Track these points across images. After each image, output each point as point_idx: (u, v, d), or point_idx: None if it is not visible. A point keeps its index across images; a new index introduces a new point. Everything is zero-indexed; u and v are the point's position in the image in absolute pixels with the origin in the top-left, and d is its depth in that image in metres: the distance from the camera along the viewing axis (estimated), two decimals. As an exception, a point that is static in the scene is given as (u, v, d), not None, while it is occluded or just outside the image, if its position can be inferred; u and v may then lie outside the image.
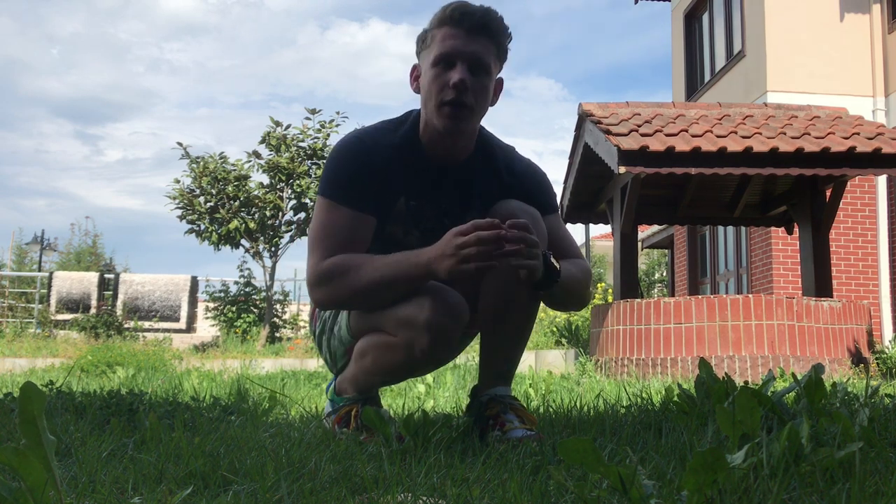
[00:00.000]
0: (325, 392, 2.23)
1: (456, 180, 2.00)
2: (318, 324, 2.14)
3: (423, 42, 1.95)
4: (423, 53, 1.96)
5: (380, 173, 1.93)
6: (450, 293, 1.86)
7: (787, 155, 6.61)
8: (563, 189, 8.87)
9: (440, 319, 1.81)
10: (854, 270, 10.39)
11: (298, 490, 1.25)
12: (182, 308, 14.81)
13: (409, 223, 2.00)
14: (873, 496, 1.12)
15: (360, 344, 1.98)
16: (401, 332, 1.85)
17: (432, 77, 1.89)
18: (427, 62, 1.92)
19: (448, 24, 1.89)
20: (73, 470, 1.40)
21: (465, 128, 1.93)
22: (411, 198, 1.98)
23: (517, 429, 1.87)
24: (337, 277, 1.85)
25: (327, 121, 12.45)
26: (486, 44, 1.90)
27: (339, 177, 1.93)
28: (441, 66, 1.88)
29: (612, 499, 1.09)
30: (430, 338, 1.82)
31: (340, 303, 1.93)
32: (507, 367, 2.03)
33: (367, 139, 1.97)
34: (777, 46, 10.65)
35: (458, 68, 1.87)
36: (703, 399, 1.93)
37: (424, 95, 1.93)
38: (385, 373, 1.99)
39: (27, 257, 24.52)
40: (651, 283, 22.24)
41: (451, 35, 1.88)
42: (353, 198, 1.91)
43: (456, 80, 1.85)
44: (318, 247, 1.90)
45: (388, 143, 1.97)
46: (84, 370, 6.87)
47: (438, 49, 1.88)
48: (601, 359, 7.23)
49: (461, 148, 1.99)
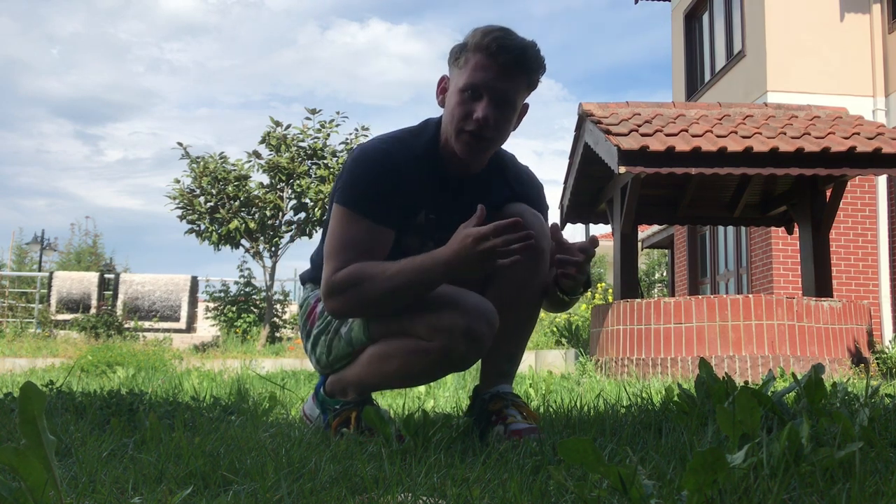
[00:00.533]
0: (316, 395, 2.17)
1: (473, 192, 2.01)
2: (317, 322, 2.10)
3: (456, 58, 1.93)
4: (454, 70, 1.94)
5: (403, 186, 1.92)
6: (482, 300, 1.87)
7: (787, 155, 6.61)
8: (563, 189, 8.87)
9: (480, 327, 1.82)
10: (854, 270, 10.39)
11: (298, 490, 1.25)
12: (182, 308, 14.81)
13: (427, 235, 2.00)
14: (873, 496, 1.12)
15: (382, 347, 1.93)
16: (437, 338, 1.83)
17: (457, 102, 1.89)
18: (456, 83, 1.91)
19: (484, 52, 1.86)
20: (73, 470, 1.40)
21: (481, 157, 1.96)
22: (431, 210, 1.99)
23: (520, 422, 1.88)
24: (351, 288, 1.85)
25: (327, 121, 12.46)
26: (518, 79, 1.89)
27: (362, 187, 1.91)
28: (468, 95, 1.87)
29: (612, 499, 1.09)
30: (467, 345, 1.83)
31: (357, 311, 1.92)
32: (510, 366, 2.04)
33: (391, 149, 1.95)
34: (777, 46, 10.65)
35: (483, 102, 1.87)
36: (703, 399, 1.93)
37: (447, 115, 1.94)
38: (409, 378, 1.98)
39: (27, 257, 24.53)
40: (651, 283, 22.24)
41: (483, 66, 1.86)
42: (375, 210, 1.90)
43: (480, 115, 1.86)
44: (335, 258, 1.89)
45: (410, 155, 1.95)
46: (84, 370, 6.87)
47: (468, 78, 1.87)
48: (601, 359, 7.23)
49: (477, 164, 2.01)
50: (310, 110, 12.40)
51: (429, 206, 1.98)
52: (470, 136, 1.88)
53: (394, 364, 1.92)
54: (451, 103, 1.92)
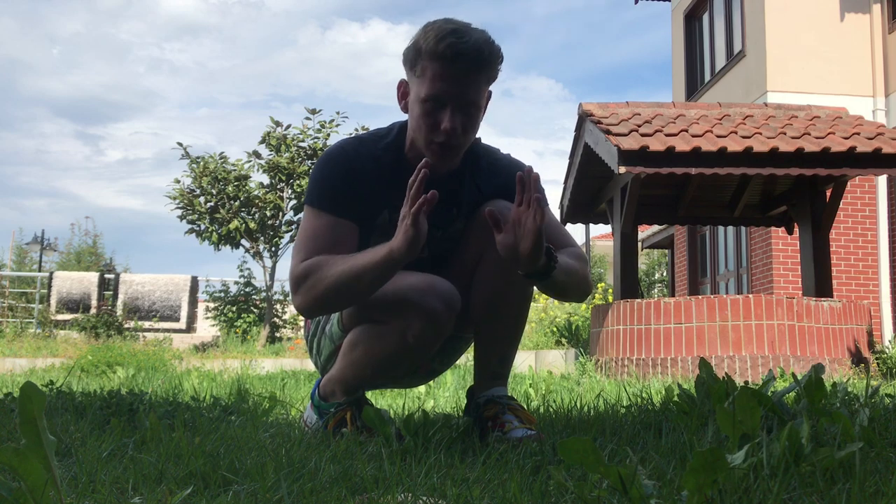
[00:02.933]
0: (311, 399, 2.15)
1: (444, 191, 1.97)
2: (311, 327, 2.13)
3: (412, 65, 1.89)
4: (412, 77, 1.90)
5: (362, 182, 1.94)
6: (440, 281, 1.88)
7: (787, 155, 6.61)
8: (563, 189, 8.87)
9: (432, 304, 1.83)
10: (854, 270, 10.39)
11: (298, 490, 1.25)
12: (182, 308, 14.80)
13: (392, 235, 1.99)
14: (873, 496, 1.12)
15: (351, 336, 1.97)
16: (393, 319, 1.86)
17: (422, 113, 1.86)
18: (416, 93, 1.87)
19: (440, 61, 1.81)
20: (73, 470, 1.40)
21: (454, 163, 1.96)
22: (395, 210, 1.97)
23: (517, 428, 1.87)
24: (310, 276, 1.85)
25: (327, 121, 12.46)
26: (478, 79, 1.86)
27: (322, 184, 1.95)
28: (430, 105, 1.84)
29: (612, 499, 1.09)
30: (421, 322, 1.83)
31: (317, 303, 1.88)
32: (503, 367, 2.04)
33: (349, 149, 1.98)
34: (777, 46, 10.65)
35: (448, 112, 1.83)
36: (703, 399, 1.93)
37: (413, 124, 1.92)
38: (375, 365, 1.95)
39: (27, 257, 24.54)
40: (651, 283, 22.24)
41: (441, 76, 1.82)
42: (335, 204, 1.92)
43: (447, 126, 1.83)
44: (298, 253, 1.91)
45: (370, 154, 1.97)
46: (84, 370, 6.86)
47: (429, 89, 1.83)
48: (601, 359, 7.23)
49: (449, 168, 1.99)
50: (310, 110, 12.40)
51: (391, 206, 1.95)
52: (440, 146, 1.88)
53: (359, 350, 1.94)
54: (414, 113, 1.90)
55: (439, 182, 1.98)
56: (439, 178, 1.98)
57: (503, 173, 2.04)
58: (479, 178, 2.04)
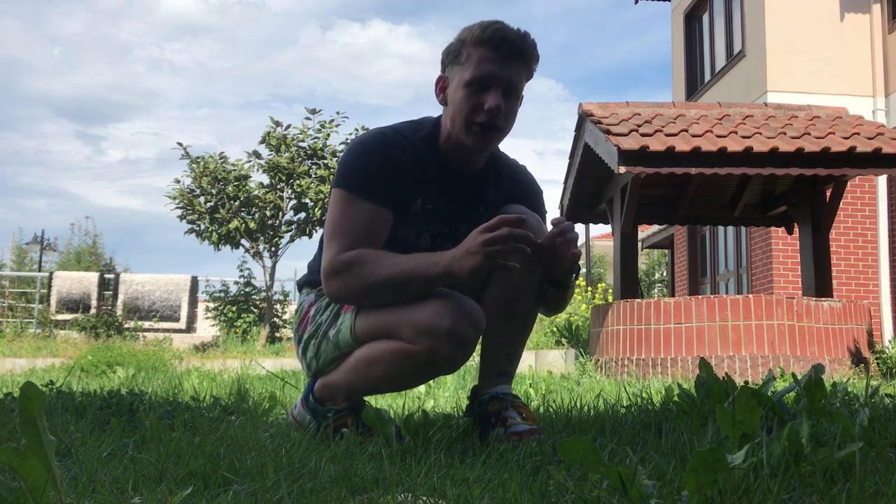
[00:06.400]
0: (305, 401, 2.11)
1: (470, 188, 2.04)
2: (308, 327, 2.08)
3: (454, 56, 1.95)
4: (454, 68, 1.96)
5: (401, 170, 1.95)
6: (468, 301, 1.87)
7: (787, 155, 6.61)
8: (563, 189, 8.87)
9: (464, 329, 1.82)
10: (854, 270, 10.39)
11: (298, 490, 1.25)
12: (182, 308, 14.80)
13: (424, 225, 2.01)
14: (873, 496, 1.12)
15: (367, 352, 1.92)
16: (420, 340, 1.82)
17: (465, 96, 1.91)
18: (459, 79, 1.93)
19: (486, 45, 1.90)
20: (73, 470, 1.40)
21: (492, 147, 2.00)
22: (428, 200, 2.00)
23: (520, 424, 1.88)
24: (354, 269, 1.86)
25: (327, 121, 12.45)
26: (520, 69, 1.94)
27: (361, 170, 1.94)
28: (475, 88, 1.90)
29: (612, 499, 1.09)
30: (452, 348, 1.82)
31: (354, 296, 1.91)
32: (509, 366, 2.05)
33: (390, 136, 1.99)
34: (777, 46, 10.65)
35: (492, 93, 1.90)
36: (703, 399, 1.93)
37: (453, 110, 1.95)
38: (396, 382, 1.97)
39: (27, 257, 24.53)
40: (651, 283, 22.24)
41: (488, 58, 1.90)
42: (374, 192, 1.92)
43: (492, 105, 1.89)
44: (337, 239, 1.90)
45: (409, 144, 1.99)
46: (84, 370, 6.86)
47: (475, 71, 1.90)
48: (601, 359, 7.23)
49: (478, 160, 2.04)
50: (310, 110, 12.39)
51: (425, 194, 1.99)
52: (481, 127, 1.91)
53: (379, 368, 1.90)
54: (456, 98, 1.93)
55: (467, 179, 2.03)
56: (468, 176, 2.04)
57: (523, 181, 2.15)
58: (501, 181, 2.10)
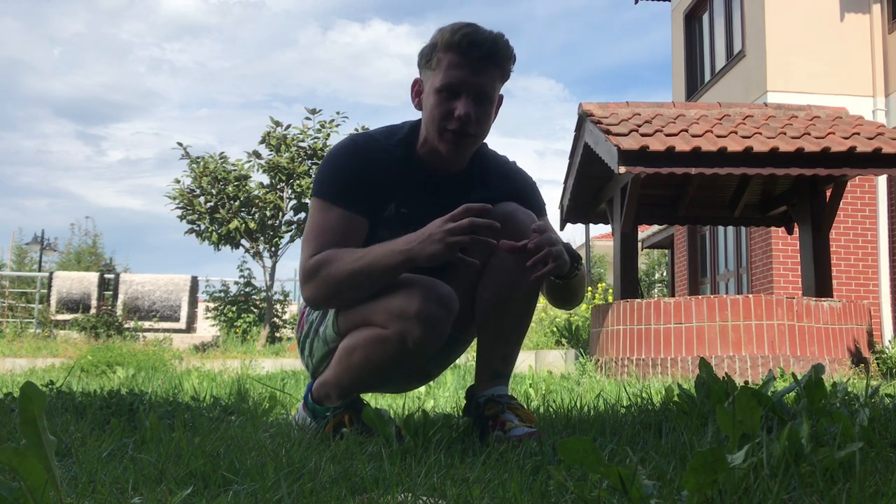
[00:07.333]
0: (304, 402, 2.13)
1: (451, 191, 2.02)
2: (304, 327, 2.11)
3: (427, 60, 1.95)
4: (427, 72, 1.96)
5: (372, 176, 1.95)
6: (439, 284, 1.87)
7: (787, 155, 6.61)
8: (563, 189, 8.87)
9: (432, 309, 1.82)
10: (854, 270, 10.39)
11: (298, 490, 1.25)
12: (182, 308, 14.80)
13: (401, 230, 1.99)
14: (873, 496, 1.12)
15: (348, 340, 1.94)
16: (392, 323, 1.84)
17: (436, 103, 1.91)
18: (431, 84, 1.93)
19: (455, 51, 1.88)
20: (73, 470, 1.40)
21: (466, 154, 1.99)
22: (402, 204, 1.99)
23: (518, 427, 1.87)
24: (323, 270, 1.87)
25: (327, 121, 12.45)
26: (492, 73, 1.92)
27: (332, 177, 1.97)
28: (445, 94, 1.90)
29: (612, 499, 1.09)
30: (421, 329, 1.82)
31: (327, 296, 1.92)
32: (505, 366, 2.04)
33: (360, 142, 2.01)
34: (777, 46, 10.65)
35: (462, 100, 1.89)
36: (703, 399, 1.93)
37: (427, 117, 1.95)
38: (374, 370, 1.94)
39: (27, 257, 24.53)
40: (651, 283, 22.25)
41: (457, 64, 1.88)
42: (345, 198, 1.94)
43: (461, 112, 1.88)
44: (308, 245, 1.93)
45: (381, 148, 1.99)
46: (84, 370, 6.86)
47: (444, 78, 1.89)
48: (601, 359, 7.23)
49: (459, 162, 2.02)
50: (310, 110, 12.40)
51: (399, 199, 1.99)
52: (453, 134, 1.91)
53: (357, 356, 1.92)
54: (429, 104, 1.94)
55: (450, 182, 2.02)
56: (450, 178, 2.03)
57: (514, 178, 2.13)
58: (489, 181, 2.08)
